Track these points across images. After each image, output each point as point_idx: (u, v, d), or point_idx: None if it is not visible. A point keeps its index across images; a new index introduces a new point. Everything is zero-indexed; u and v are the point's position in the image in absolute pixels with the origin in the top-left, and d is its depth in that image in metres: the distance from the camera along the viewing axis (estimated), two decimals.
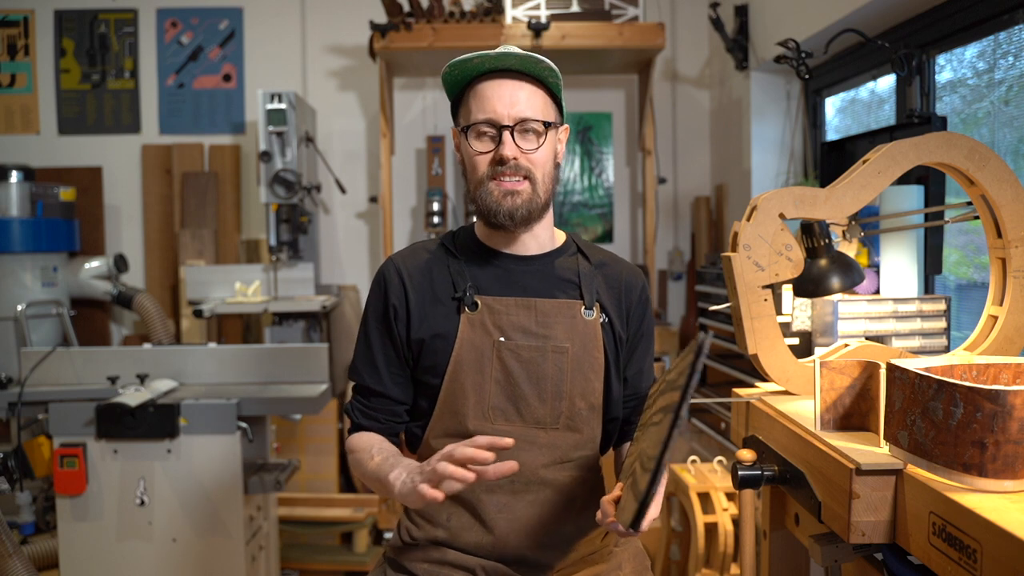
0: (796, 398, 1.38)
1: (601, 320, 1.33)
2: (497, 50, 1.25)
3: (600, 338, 1.32)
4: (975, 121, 2.24)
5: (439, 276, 1.33)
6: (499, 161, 1.25)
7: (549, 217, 1.36)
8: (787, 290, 2.03)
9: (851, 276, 1.43)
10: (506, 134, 1.24)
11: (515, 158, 1.25)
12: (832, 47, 2.31)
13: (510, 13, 3.33)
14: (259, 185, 3.38)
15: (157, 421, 2.27)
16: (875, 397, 1.15)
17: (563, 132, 1.34)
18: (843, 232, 1.54)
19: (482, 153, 1.27)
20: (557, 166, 1.33)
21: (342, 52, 3.99)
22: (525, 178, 1.26)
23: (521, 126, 1.25)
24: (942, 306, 1.71)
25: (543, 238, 1.36)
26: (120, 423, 2.26)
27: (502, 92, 1.25)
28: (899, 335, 1.69)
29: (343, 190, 3.76)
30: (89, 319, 3.86)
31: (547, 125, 1.27)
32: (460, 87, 1.31)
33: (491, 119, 1.25)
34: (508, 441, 1.07)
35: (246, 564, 2.37)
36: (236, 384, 2.56)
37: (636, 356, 1.41)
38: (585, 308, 1.31)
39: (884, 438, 1.08)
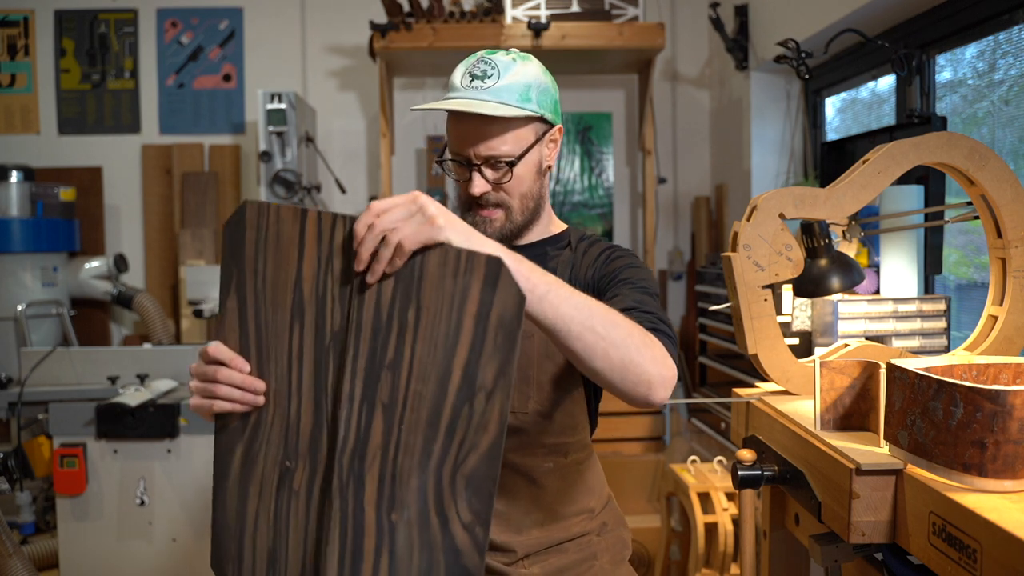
0: (796, 398, 1.38)
1: None
2: (465, 97, 1.20)
3: None
4: (975, 121, 2.25)
5: None
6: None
7: (536, 216, 1.32)
8: (787, 290, 2.03)
9: (851, 276, 1.43)
10: (475, 173, 1.23)
11: (484, 193, 1.24)
12: (832, 47, 2.31)
13: (510, 13, 3.33)
14: (259, 185, 3.38)
15: (157, 421, 2.27)
16: (875, 397, 1.15)
17: (556, 133, 1.30)
18: (843, 232, 1.54)
19: (459, 180, 1.27)
20: (547, 170, 1.31)
21: (342, 52, 3.99)
22: (498, 207, 1.26)
23: (488, 162, 1.24)
24: (942, 306, 1.70)
25: (530, 232, 1.33)
26: (120, 423, 2.26)
27: (469, 129, 1.22)
28: (899, 335, 1.69)
29: (343, 190, 3.76)
30: (89, 319, 3.86)
31: (518, 158, 1.24)
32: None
33: (462, 154, 1.24)
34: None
35: None
36: None
37: (608, 294, 1.27)
38: None
39: (884, 438, 1.08)
